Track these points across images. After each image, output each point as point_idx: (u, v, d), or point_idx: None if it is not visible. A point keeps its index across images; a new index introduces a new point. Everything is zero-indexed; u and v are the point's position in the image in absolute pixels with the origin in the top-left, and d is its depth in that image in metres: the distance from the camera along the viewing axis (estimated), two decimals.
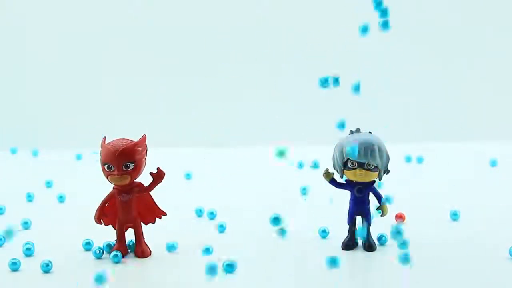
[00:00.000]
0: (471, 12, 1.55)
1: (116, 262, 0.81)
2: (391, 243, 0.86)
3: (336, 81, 0.77)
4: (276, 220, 0.72)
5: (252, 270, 0.79)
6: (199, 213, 0.99)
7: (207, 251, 0.84)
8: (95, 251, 0.83)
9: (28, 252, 0.84)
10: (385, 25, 0.72)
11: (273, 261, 0.82)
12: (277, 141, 1.44)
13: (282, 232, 0.72)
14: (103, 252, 0.83)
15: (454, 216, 0.94)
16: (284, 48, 1.55)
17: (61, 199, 1.08)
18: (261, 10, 1.54)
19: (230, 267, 0.77)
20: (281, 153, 0.67)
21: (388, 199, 0.94)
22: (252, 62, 1.55)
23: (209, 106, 1.55)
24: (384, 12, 0.70)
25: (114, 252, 0.81)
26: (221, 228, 0.91)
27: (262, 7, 1.54)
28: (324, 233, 0.88)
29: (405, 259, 0.73)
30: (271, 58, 1.54)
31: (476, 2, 1.55)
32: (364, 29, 0.77)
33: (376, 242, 0.85)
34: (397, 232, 0.73)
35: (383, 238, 0.86)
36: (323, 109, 1.51)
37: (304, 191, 1.07)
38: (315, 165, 1.14)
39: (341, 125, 0.70)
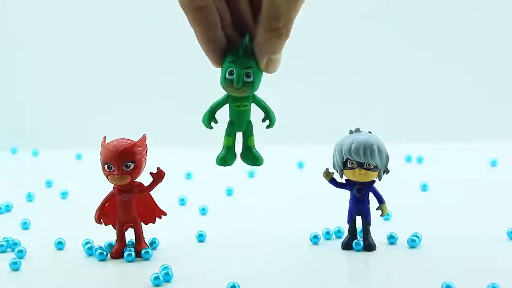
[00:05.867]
0: (471, 13, 1.55)
1: (101, 260, 0.81)
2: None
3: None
4: None
5: (252, 270, 0.79)
6: (202, 212, 1.00)
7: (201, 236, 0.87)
8: (95, 250, 0.83)
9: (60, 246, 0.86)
10: None
11: (273, 262, 0.82)
12: (276, 141, 1.44)
13: None
14: (103, 252, 0.83)
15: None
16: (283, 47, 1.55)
17: (61, 198, 1.08)
18: None
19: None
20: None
21: (388, 214, 0.94)
22: None
23: (209, 106, 1.55)
24: None
25: (99, 250, 0.81)
26: (201, 238, 0.90)
27: None
28: (321, 237, 0.88)
29: None
30: None
31: (476, 4, 1.55)
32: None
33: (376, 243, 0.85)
34: None
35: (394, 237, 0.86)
36: (323, 109, 1.51)
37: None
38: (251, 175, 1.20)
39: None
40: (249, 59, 0.68)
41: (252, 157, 0.73)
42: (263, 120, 0.73)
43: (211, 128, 0.73)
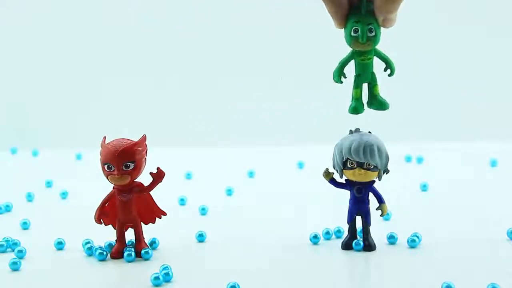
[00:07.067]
0: (470, 13, 1.55)
1: (101, 260, 0.81)
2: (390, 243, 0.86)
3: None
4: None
5: (252, 270, 0.79)
6: (202, 212, 1.00)
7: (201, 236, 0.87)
8: (95, 250, 0.83)
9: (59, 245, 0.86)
10: None
11: (272, 261, 0.82)
12: (276, 141, 1.44)
13: None
14: (103, 252, 0.83)
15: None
16: (283, 47, 1.55)
17: (61, 198, 1.08)
18: (259, 9, 1.54)
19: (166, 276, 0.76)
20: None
21: (388, 214, 0.94)
22: (251, 62, 1.55)
23: (209, 106, 1.55)
24: None
25: (99, 250, 0.82)
26: (201, 238, 0.90)
27: (261, 6, 1.54)
28: (321, 237, 0.88)
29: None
30: (270, 58, 1.54)
31: (476, 4, 1.55)
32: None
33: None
34: None
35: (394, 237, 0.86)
36: (323, 109, 1.51)
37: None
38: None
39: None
40: (370, 17, 0.76)
41: (378, 103, 0.80)
42: (385, 70, 0.81)
43: (341, 82, 0.80)
